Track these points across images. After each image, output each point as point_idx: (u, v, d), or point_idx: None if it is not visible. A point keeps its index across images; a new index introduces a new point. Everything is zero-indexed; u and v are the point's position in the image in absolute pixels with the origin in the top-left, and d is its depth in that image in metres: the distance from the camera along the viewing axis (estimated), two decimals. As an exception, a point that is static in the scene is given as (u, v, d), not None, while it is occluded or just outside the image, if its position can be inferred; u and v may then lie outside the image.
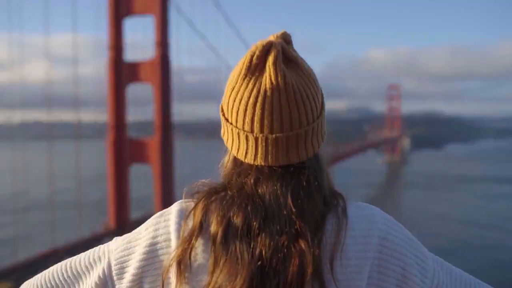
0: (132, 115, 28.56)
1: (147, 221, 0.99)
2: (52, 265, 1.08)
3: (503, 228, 42.36)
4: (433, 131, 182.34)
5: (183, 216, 0.91)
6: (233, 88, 0.89)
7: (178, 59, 45.21)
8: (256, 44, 0.88)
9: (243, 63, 0.87)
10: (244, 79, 0.87)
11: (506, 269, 30.08)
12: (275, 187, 0.87)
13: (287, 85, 0.85)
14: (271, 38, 0.90)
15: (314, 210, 0.86)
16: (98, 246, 1.03)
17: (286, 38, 0.91)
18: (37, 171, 33.55)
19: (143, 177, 28.32)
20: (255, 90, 0.86)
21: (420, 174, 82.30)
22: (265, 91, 0.85)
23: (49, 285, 1.01)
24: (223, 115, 0.93)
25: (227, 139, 0.93)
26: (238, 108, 0.88)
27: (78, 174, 24.84)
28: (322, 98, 0.95)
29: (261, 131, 0.87)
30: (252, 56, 0.86)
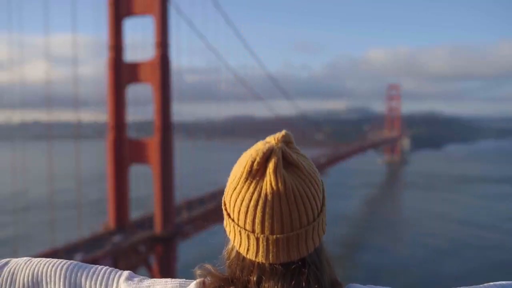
0: (132, 115, 28.59)
1: (164, 283, 1.02)
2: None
3: (503, 228, 42.39)
4: (433, 131, 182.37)
5: None
6: (235, 189, 0.92)
7: (178, 59, 45.22)
8: (257, 148, 0.92)
9: (244, 167, 0.90)
10: (245, 182, 0.90)
11: (506, 269, 30.10)
12: (277, 287, 0.91)
13: (287, 190, 0.88)
14: (272, 141, 0.93)
15: None
16: (110, 270, 1.06)
17: (286, 139, 0.94)
18: (37, 171, 33.57)
19: (143, 177, 28.33)
20: (255, 194, 0.89)
21: (420, 174, 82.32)
22: (266, 195, 0.88)
23: (48, 279, 1.04)
24: (225, 209, 0.97)
25: (229, 232, 0.97)
26: (240, 209, 0.91)
27: (77, 174, 24.84)
28: (324, 193, 0.98)
29: (262, 232, 0.89)
30: (253, 162, 0.89)
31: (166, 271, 25.41)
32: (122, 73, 26.78)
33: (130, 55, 27.81)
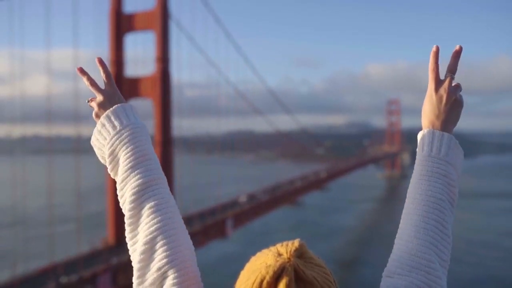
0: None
1: None
2: (51, 281, 1.10)
3: (502, 245, 42.08)
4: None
5: None
6: None
7: (178, 74, 45.46)
8: (267, 263, 0.86)
9: (253, 284, 0.85)
10: None
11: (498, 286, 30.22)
12: None
13: None
14: (284, 254, 0.87)
15: None
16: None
17: (300, 252, 0.89)
18: (36, 185, 33.50)
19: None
20: None
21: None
22: None
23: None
24: None
25: None
26: None
27: (77, 189, 24.79)
28: None
29: None
30: (262, 280, 0.84)
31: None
32: (123, 88, 26.87)
33: (131, 70, 27.98)
